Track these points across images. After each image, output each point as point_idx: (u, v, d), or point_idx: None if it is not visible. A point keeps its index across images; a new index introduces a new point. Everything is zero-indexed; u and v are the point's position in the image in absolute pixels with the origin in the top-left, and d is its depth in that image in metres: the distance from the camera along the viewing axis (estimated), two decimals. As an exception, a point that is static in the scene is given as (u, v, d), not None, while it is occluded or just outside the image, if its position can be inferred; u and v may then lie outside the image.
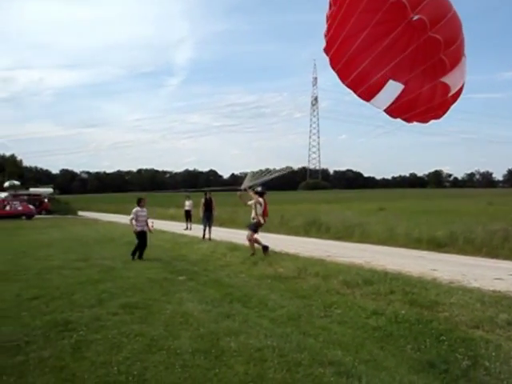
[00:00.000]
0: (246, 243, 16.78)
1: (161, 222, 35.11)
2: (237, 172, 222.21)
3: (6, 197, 55.79)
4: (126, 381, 5.27)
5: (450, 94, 6.75)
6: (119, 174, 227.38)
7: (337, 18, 6.62)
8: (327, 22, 6.99)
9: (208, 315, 8.00)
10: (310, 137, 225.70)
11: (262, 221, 15.49)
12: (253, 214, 15.57)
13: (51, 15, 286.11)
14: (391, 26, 6.24)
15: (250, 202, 15.70)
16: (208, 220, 23.34)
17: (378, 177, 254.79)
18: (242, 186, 15.92)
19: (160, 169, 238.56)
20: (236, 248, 16.99)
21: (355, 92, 6.98)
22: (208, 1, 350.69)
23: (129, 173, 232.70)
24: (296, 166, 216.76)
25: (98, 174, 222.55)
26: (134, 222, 15.83)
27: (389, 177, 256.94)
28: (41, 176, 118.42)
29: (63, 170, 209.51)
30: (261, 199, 15.46)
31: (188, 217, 30.85)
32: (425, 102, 6.78)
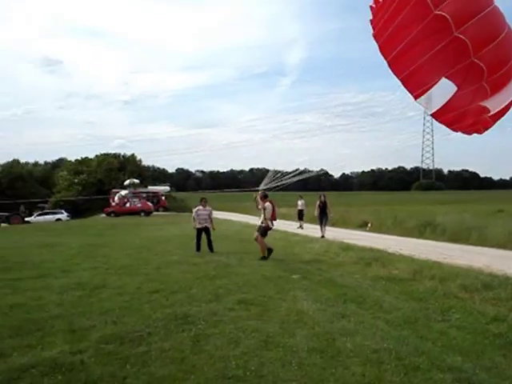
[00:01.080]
0: (359, 243, 16.60)
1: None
2: (347, 172, 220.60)
3: (126, 194, 58.44)
4: (244, 375, 5.35)
5: (489, 115, 6.45)
6: (232, 173, 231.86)
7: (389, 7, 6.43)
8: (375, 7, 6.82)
9: (323, 314, 7.99)
10: (423, 136, 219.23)
11: (270, 225, 15.52)
12: (261, 218, 15.57)
13: (168, 20, 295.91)
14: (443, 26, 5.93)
15: (260, 206, 15.77)
16: (322, 220, 24.14)
17: (496, 177, 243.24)
18: (259, 188, 16.03)
19: (272, 168, 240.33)
20: (349, 248, 16.83)
21: (405, 86, 6.75)
22: (320, 0, 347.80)
23: (241, 172, 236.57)
24: (409, 166, 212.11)
25: (211, 172, 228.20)
26: (194, 219, 17.67)
27: (507, 177, 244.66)
28: (158, 175, 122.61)
29: (179, 169, 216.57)
30: (267, 203, 15.41)
31: (300, 216, 31.12)
32: (469, 117, 6.51)
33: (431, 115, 6.71)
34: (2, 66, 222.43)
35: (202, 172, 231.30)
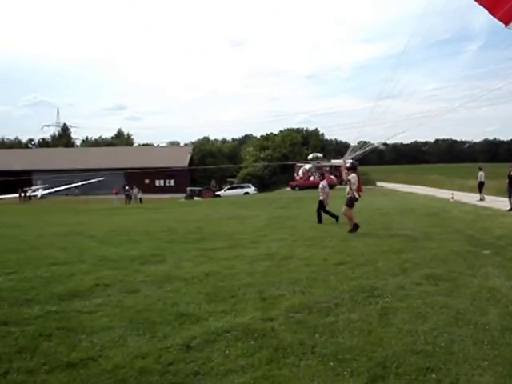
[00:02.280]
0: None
1: (460, 194, 34.24)
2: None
3: (309, 168, 59.47)
4: (433, 351, 5.23)
5: None
6: (416, 145, 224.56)
7: None
8: None
9: (517, 292, 7.57)
10: None
11: (356, 196, 15.17)
12: (347, 190, 15.34)
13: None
14: None
15: (344, 178, 15.79)
16: (511, 192, 22.87)
17: None
18: (342, 160, 16.14)
19: (458, 139, 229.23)
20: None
21: (492, 13, 5.95)
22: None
23: (426, 143, 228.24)
24: None
25: (394, 145, 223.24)
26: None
27: None
28: (340, 148, 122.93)
29: (361, 142, 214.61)
30: (353, 175, 15.13)
31: (480, 188, 30.47)
32: None
33: None
34: (194, 47, 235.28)
35: (385, 144, 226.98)
